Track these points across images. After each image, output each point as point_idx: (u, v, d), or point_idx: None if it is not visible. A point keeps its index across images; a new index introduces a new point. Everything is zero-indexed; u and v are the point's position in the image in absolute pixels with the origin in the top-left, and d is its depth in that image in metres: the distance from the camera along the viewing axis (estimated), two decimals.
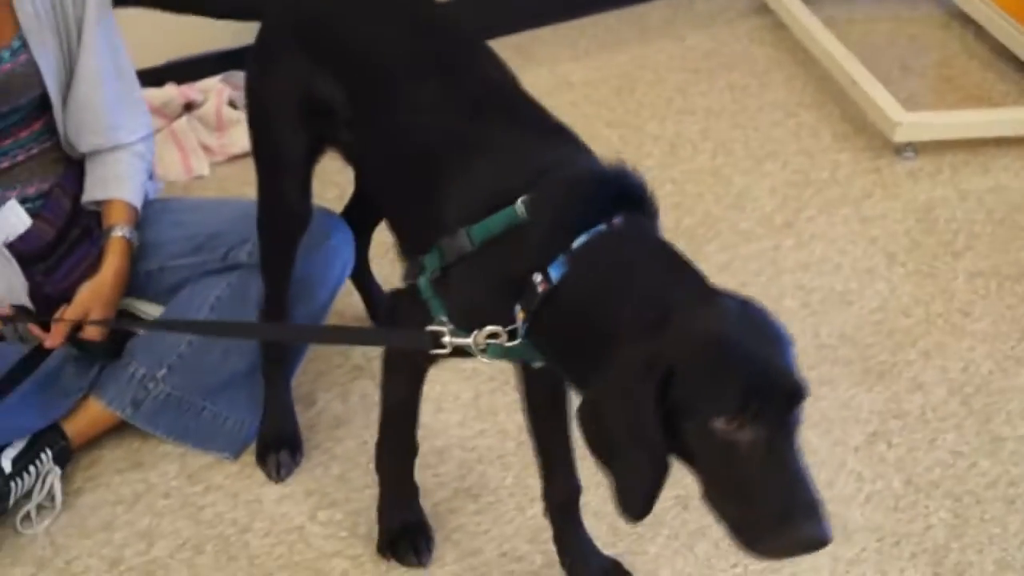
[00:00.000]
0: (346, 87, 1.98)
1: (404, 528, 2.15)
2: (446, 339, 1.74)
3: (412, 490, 2.17)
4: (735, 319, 1.53)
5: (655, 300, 1.58)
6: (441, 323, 1.76)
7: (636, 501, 1.54)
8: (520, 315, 1.70)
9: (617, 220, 1.68)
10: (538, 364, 1.80)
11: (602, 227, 1.67)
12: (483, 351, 1.73)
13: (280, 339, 2.36)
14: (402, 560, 2.14)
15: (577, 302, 1.66)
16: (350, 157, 2.14)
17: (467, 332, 1.72)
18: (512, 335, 1.71)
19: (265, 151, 2.20)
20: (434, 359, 1.91)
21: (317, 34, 2.04)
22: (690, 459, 1.52)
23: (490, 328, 1.72)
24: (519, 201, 1.71)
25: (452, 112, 1.86)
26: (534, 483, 2.33)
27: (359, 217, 2.52)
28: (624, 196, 1.71)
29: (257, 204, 2.25)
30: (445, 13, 2.08)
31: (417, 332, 1.78)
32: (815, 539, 1.45)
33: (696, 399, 1.47)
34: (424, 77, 1.91)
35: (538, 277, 1.67)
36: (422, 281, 1.79)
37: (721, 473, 1.49)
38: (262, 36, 2.16)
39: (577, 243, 1.67)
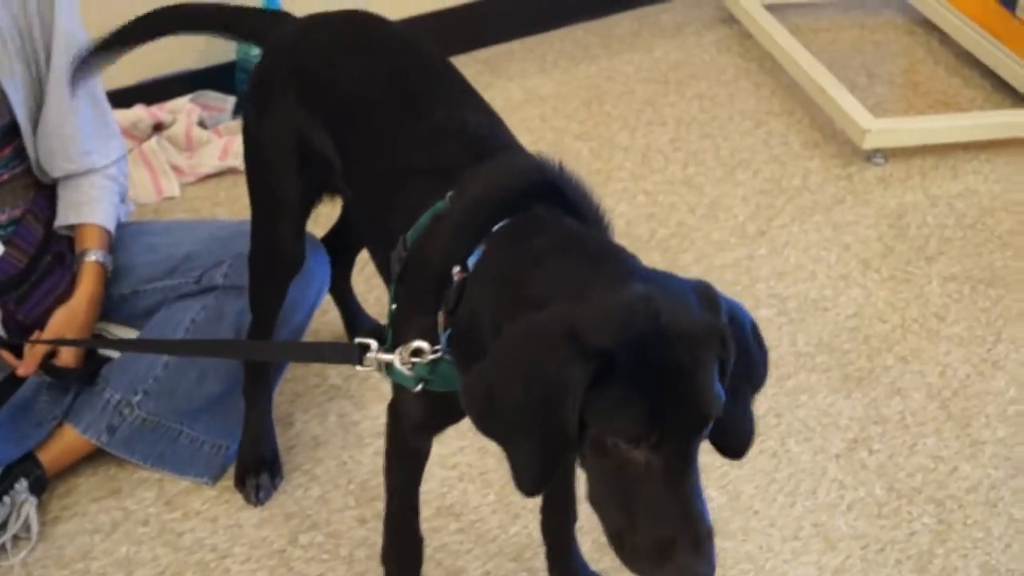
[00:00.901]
0: (335, 137, 1.95)
1: None
2: (370, 354, 1.65)
3: None
4: (644, 319, 1.34)
5: (561, 285, 1.45)
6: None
7: (534, 479, 1.42)
8: (441, 321, 1.59)
9: (541, 208, 1.58)
10: None
11: (523, 214, 1.57)
12: (411, 370, 1.62)
13: (219, 356, 2.32)
14: None
15: (489, 283, 1.54)
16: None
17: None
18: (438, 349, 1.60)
19: (261, 195, 2.16)
20: (432, 434, 1.86)
21: (309, 82, 2.00)
22: (585, 457, 1.41)
23: (415, 343, 1.61)
24: (447, 195, 1.65)
25: (417, 150, 1.81)
26: (516, 500, 2.32)
27: (343, 240, 2.52)
28: (551, 190, 1.60)
29: (250, 242, 2.21)
30: (422, 50, 2.02)
31: (346, 346, 1.71)
32: (696, 573, 1.35)
33: (613, 404, 1.34)
34: (396, 122, 1.86)
35: (456, 268, 1.58)
36: (389, 308, 1.74)
37: (610, 484, 1.39)
38: (259, 77, 2.12)
39: (496, 227, 1.58)
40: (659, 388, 1.33)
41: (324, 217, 2.41)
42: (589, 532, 2.23)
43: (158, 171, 3.29)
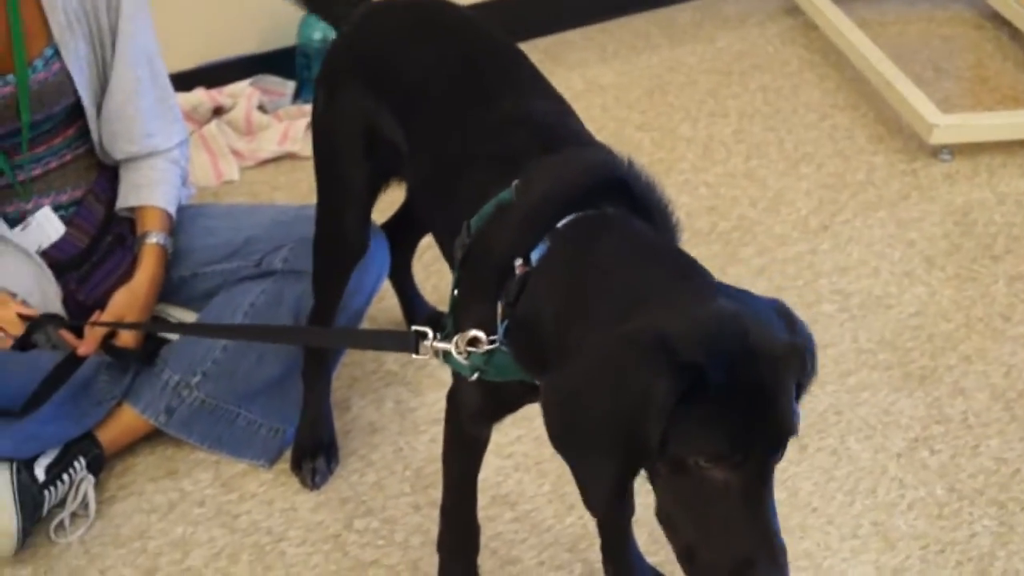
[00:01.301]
0: (402, 123, 1.94)
1: None
2: (426, 342, 1.64)
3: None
4: (734, 335, 1.33)
5: (643, 289, 1.43)
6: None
7: (606, 498, 1.39)
8: (500, 311, 1.57)
9: (611, 209, 1.55)
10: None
11: (591, 211, 1.55)
12: (467, 359, 1.60)
13: (278, 341, 2.31)
14: None
15: (553, 284, 1.52)
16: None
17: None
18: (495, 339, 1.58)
19: (328, 181, 2.16)
20: (490, 422, 1.84)
21: (377, 68, 2.00)
22: (657, 472, 1.38)
23: (472, 332, 1.60)
24: (512, 185, 1.63)
25: (484, 137, 1.79)
26: (572, 490, 2.30)
27: (405, 226, 2.52)
28: (626, 191, 1.57)
29: (315, 228, 2.22)
30: (492, 36, 2.00)
31: (403, 334, 1.70)
32: None
33: (699, 421, 1.31)
34: (463, 108, 1.85)
35: (519, 261, 1.55)
36: (451, 294, 1.72)
37: (684, 502, 1.37)
38: (330, 64, 2.12)
39: (562, 223, 1.55)
40: (746, 407, 1.32)
41: (385, 203, 2.41)
42: (645, 524, 2.22)
43: (218, 155, 3.30)
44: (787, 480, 2.36)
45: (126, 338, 2.30)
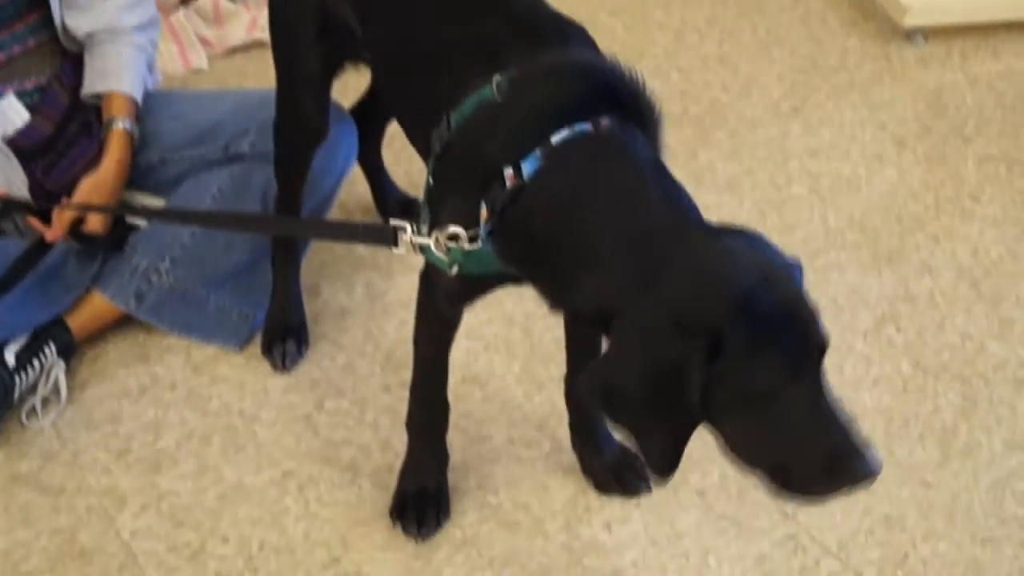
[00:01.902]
0: (356, 4, 1.93)
1: (418, 495, 2.03)
2: (405, 236, 1.65)
3: (438, 455, 2.05)
4: (752, 268, 1.44)
5: (643, 229, 1.49)
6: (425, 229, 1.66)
7: (667, 463, 1.49)
8: (483, 214, 1.58)
9: (605, 122, 1.55)
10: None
11: (587, 126, 1.55)
12: (446, 254, 1.62)
13: (250, 230, 2.31)
14: (404, 529, 2.02)
15: (549, 208, 1.54)
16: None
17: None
18: (475, 239, 1.59)
19: (284, 64, 2.16)
20: (464, 302, 1.85)
21: None
22: (718, 419, 1.46)
23: (452, 228, 1.60)
24: (493, 79, 1.61)
25: (454, 22, 1.77)
26: (542, 370, 2.33)
27: (372, 110, 2.50)
28: (617, 97, 1.58)
29: (275, 112, 2.22)
30: None
31: (380, 227, 1.71)
32: (869, 474, 1.43)
33: (739, 368, 1.40)
34: None
35: (508, 171, 1.55)
36: (426, 184, 1.72)
37: (760, 431, 1.44)
38: None
39: (556, 138, 1.54)
40: (784, 341, 1.41)
41: (352, 87, 2.40)
42: None
43: (185, 43, 3.27)
44: None
45: (94, 224, 2.29)
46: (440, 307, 1.86)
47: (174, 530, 2.02)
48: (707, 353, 1.39)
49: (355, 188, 2.70)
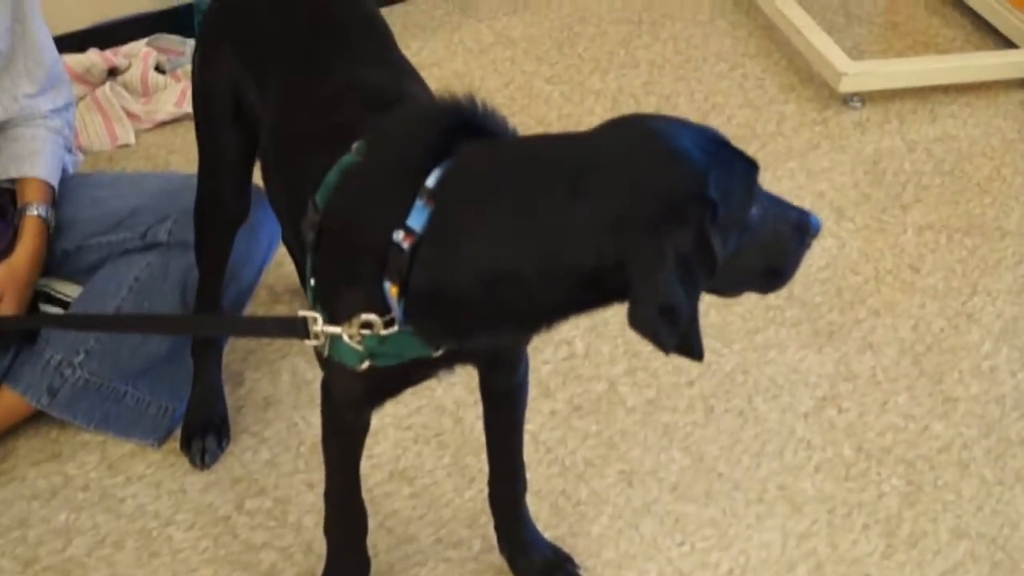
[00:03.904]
0: (260, 91, 1.86)
1: None
2: (317, 327, 1.53)
3: (360, 563, 1.98)
4: (677, 134, 1.40)
5: (577, 167, 1.38)
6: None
7: (699, 346, 1.42)
8: (392, 291, 1.44)
9: (465, 149, 1.45)
10: (438, 353, 1.56)
11: (450, 160, 1.44)
12: (360, 344, 1.50)
13: (159, 332, 2.21)
14: None
15: (467, 242, 1.41)
16: None
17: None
18: (391, 323, 1.47)
19: (204, 144, 2.09)
20: (371, 409, 1.76)
21: (242, 31, 1.92)
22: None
23: (364, 316, 1.47)
24: (353, 147, 1.52)
25: (317, 111, 1.71)
26: (473, 462, 2.25)
27: None
28: (473, 125, 1.48)
29: (196, 195, 2.15)
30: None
31: (290, 320, 1.59)
32: (818, 229, 1.52)
33: (728, 212, 1.38)
34: (302, 83, 1.77)
35: (399, 234, 1.42)
36: (309, 288, 1.60)
37: (754, 250, 1.46)
38: (205, 22, 2.05)
39: (431, 180, 1.42)
40: (736, 168, 1.42)
41: None
42: (546, 496, 2.17)
43: (112, 118, 3.18)
44: (692, 445, 2.32)
45: (5, 312, 2.20)
46: (345, 414, 1.78)
47: None
48: (711, 215, 1.36)
49: (282, 271, 2.62)
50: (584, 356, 2.50)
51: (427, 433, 2.32)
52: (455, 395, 2.37)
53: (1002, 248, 2.86)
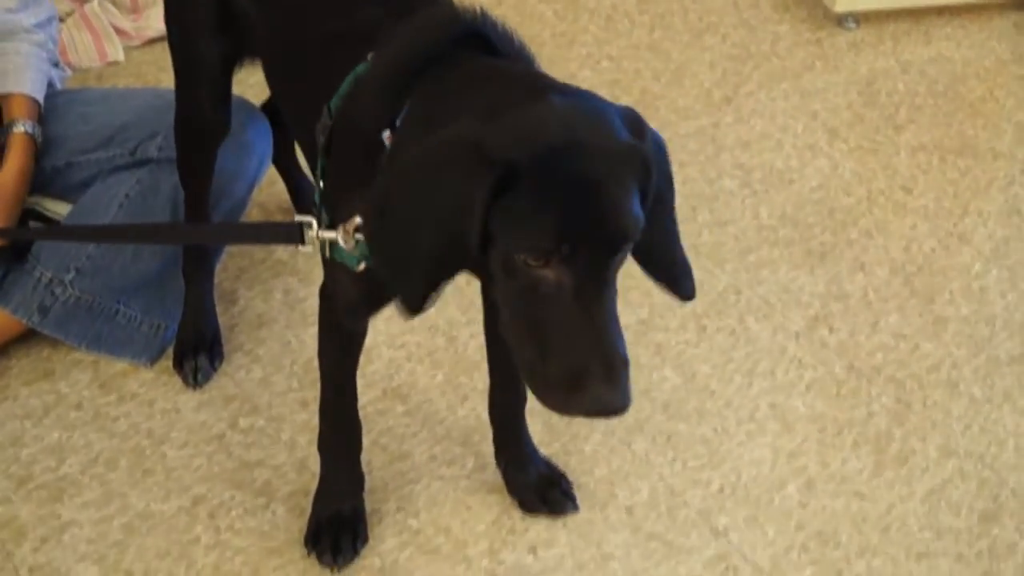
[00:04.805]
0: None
1: (333, 521, 1.94)
2: (311, 232, 1.54)
3: (353, 478, 1.96)
4: (557, 130, 1.28)
5: (482, 103, 1.34)
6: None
7: (420, 297, 1.35)
8: None
9: (464, 57, 1.45)
10: None
11: (443, 66, 1.45)
12: (355, 249, 1.50)
13: (153, 242, 2.20)
14: (319, 559, 1.92)
15: (414, 135, 1.41)
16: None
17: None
18: None
19: (182, 59, 2.06)
20: (368, 315, 1.75)
21: None
22: (490, 270, 1.33)
23: (358, 219, 1.48)
24: (368, 57, 1.53)
25: (333, 13, 1.69)
26: (466, 380, 2.25)
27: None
28: (474, 38, 1.48)
29: (175, 110, 2.12)
30: None
31: (285, 225, 1.59)
32: (608, 405, 1.28)
33: (521, 214, 1.26)
34: None
35: (386, 133, 1.44)
36: (317, 187, 1.62)
37: (521, 309, 1.31)
38: None
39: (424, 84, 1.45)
40: (570, 200, 1.26)
41: (262, 84, 2.29)
42: (539, 415, 2.17)
43: (101, 34, 3.14)
44: (684, 363, 2.32)
45: None
46: (343, 320, 1.78)
47: (76, 565, 1.92)
48: (495, 185, 1.25)
49: (274, 188, 2.60)
50: None
51: (420, 352, 2.32)
52: (448, 315, 2.37)
53: (994, 169, 2.85)
